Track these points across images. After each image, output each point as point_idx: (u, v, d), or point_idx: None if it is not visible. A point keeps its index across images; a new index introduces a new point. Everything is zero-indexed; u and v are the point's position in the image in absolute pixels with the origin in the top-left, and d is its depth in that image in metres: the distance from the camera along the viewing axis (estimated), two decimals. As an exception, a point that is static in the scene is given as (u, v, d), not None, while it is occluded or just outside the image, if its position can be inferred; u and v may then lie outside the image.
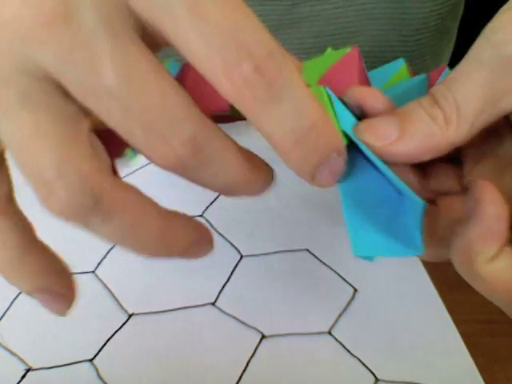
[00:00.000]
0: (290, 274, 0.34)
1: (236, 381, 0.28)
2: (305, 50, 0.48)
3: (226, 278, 0.34)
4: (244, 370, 0.29)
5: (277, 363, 0.29)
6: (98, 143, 0.17)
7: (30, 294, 0.20)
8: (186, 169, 0.16)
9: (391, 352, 0.30)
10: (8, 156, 0.19)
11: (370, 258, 0.20)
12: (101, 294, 0.33)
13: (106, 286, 0.33)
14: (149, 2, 0.15)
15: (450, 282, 0.33)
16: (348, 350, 0.30)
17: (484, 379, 0.28)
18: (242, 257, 0.35)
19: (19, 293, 0.33)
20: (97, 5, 0.15)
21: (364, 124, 0.20)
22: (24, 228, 0.19)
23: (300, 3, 0.45)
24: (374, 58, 0.49)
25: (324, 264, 0.35)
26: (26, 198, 0.35)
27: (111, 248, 0.35)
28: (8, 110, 0.16)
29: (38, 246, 0.20)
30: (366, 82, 0.24)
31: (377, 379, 0.28)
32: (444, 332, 0.31)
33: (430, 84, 0.28)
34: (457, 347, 0.30)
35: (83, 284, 0.33)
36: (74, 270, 0.34)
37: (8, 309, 0.32)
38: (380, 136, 0.20)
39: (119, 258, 0.35)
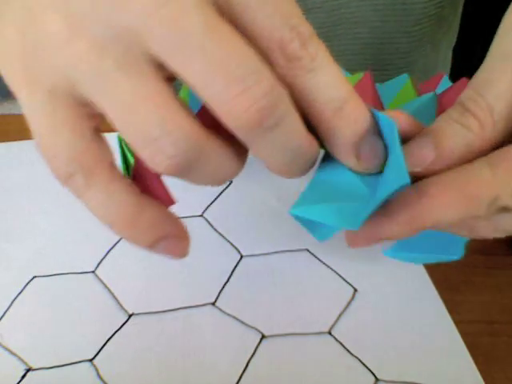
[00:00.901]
0: (290, 274, 0.34)
1: (236, 381, 0.28)
2: None
3: (226, 278, 0.34)
4: (244, 370, 0.29)
5: (277, 363, 0.29)
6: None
7: (153, 245, 0.21)
8: (262, 128, 0.17)
9: (391, 352, 0.30)
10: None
11: (304, 223, 0.22)
12: (101, 294, 0.33)
13: (106, 286, 0.33)
14: None
15: (450, 282, 0.34)
16: (348, 350, 0.30)
17: (484, 379, 0.28)
18: (242, 257, 0.35)
19: (19, 293, 0.33)
20: None
21: None
22: (133, 187, 0.20)
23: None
24: (375, 50, 0.49)
25: (324, 264, 0.35)
26: (29, 201, 0.34)
27: (111, 248, 0.35)
28: (108, 77, 0.17)
29: (148, 200, 0.20)
30: (380, 105, 0.25)
31: (377, 379, 0.28)
32: (444, 332, 0.31)
33: (422, 91, 0.28)
34: (457, 347, 0.30)
35: (83, 284, 0.33)
36: (73, 270, 0.34)
37: (8, 309, 0.32)
38: (417, 162, 0.20)
39: (119, 258, 0.35)
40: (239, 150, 0.19)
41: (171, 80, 0.18)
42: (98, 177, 0.19)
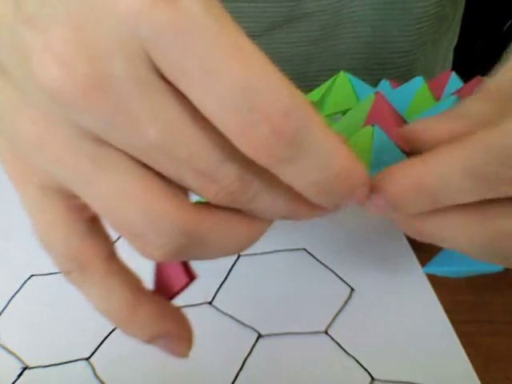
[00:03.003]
0: (287, 273, 0.34)
1: (232, 380, 0.28)
2: (311, 42, 0.48)
3: (223, 278, 0.34)
4: (240, 369, 0.29)
5: (273, 362, 0.29)
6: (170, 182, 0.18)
7: (150, 342, 0.20)
8: (239, 203, 0.17)
9: (387, 351, 0.30)
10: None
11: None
12: (98, 293, 0.33)
13: (103, 285, 0.33)
14: (165, 59, 0.15)
15: (449, 283, 0.33)
16: (344, 350, 0.30)
17: (484, 379, 0.28)
18: (239, 256, 0.35)
19: (16, 291, 0.33)
20: (126, 64, 0.15)
21: None
22: (131, 282, 0.20)
23: (305, 1, 0.45)
24: (376, 49, 0.49)
25: (321, 263, 0.35)
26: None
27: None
28: (85, 176, 0.17)
29: (148, 296, 0.20)
30: (400, 120, 0.25)
31: (373, 379, 0.28)
32: (440, 331, 0.31)
33: (436, 89, 0.28)
34: (453, 347, 0.30)
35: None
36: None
37: (5, 308, 0.32)
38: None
39: (116, 257, 0.35)
40: (251, 220, 0.18)
41: None
42: (93, 272, 0.19)
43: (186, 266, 0.21)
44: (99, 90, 0.15)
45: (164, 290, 0.21)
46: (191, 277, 0.21)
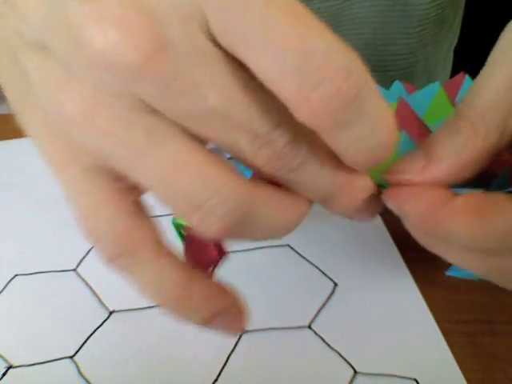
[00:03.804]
0: (271, 269, 0.34)
1: (216, 376, 0.28)
2: None
3: (208, 274, 0.34)
4: (224, 365, 0.29)
5: (257, 358, 0.29)
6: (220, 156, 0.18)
7: (207, 322, 0.20)
8: (287, 171, 0.17)
9: (370, 345, 0.30)
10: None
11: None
12: (82, 292, 0.33)
13: (87, 284, 0.33)
14: (223, 26, 0.15)
15: (449, 283, 0.33)
16: (327, 344, 0.30)
17: (484, 379, 0.28)
18: (223, 253, 0.35)
19: (1, 291, 0.33)
20: (185, 31, 0.15)
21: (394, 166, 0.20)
22: (180, 263, 0.19)
23: (307, 1, 0.45)
24: (377, 51, 0.49)
25: (305, 259, 0.35)
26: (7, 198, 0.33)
27: (93, 246, 0.35)
28: (139, 148, 0.16)
29: (197, 274, 0.20)
30: (425, 128, 0.25)
31: (355, 372, 0.29)
32: (423, 325, 0.31)
33: (451, 92, 0.28)
34: (435, 340, 0.30)
35: (64, 282, 0.33)
36: (55, 269, 0.34)
37: (-11, 307, 0.32)
38: (405, 169, 0.20)
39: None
40: (297, 197, 0.18)
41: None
42: (144, 255, 0.18)
43: (216, 243, 0.21)
44: (161, 54, 0.15)
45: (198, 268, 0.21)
46: (222, 253, 0.21)
